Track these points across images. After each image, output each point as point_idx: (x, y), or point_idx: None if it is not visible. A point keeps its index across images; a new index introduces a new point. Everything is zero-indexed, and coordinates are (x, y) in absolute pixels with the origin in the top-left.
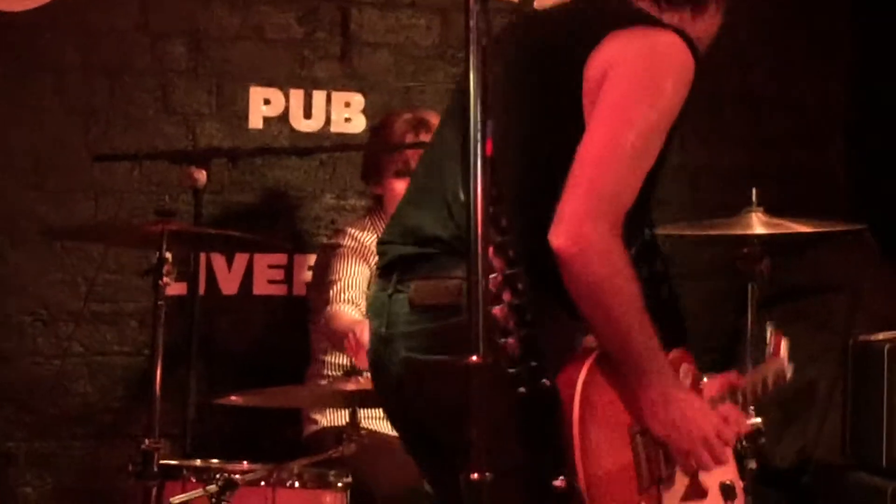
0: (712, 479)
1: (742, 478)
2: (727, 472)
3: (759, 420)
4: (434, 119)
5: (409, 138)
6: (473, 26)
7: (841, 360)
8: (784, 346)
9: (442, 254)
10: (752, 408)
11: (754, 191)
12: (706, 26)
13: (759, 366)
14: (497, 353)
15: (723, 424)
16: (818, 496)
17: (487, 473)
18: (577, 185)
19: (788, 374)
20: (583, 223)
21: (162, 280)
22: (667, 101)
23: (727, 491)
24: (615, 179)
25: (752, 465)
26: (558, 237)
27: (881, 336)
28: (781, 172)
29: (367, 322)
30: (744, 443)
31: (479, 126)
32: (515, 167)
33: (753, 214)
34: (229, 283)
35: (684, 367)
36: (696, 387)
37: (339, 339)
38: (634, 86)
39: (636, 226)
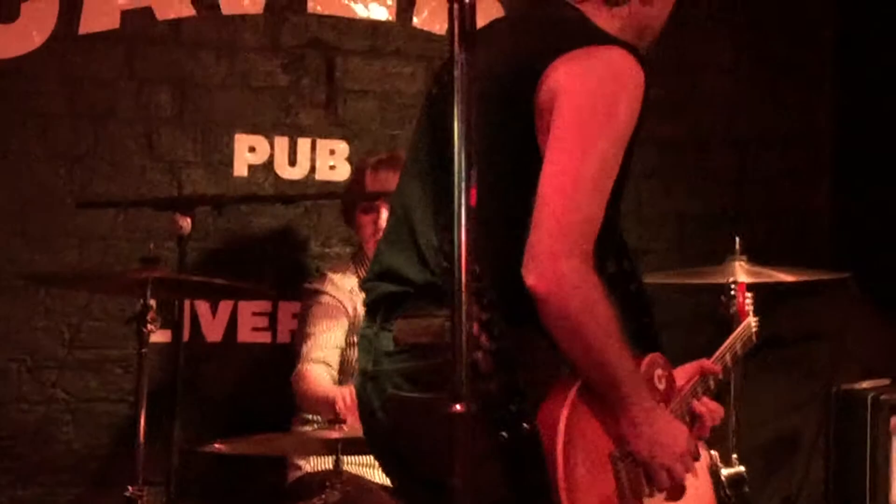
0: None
1: None
2: None
3: (742, 469)
4: None
5: (376, 177)
6: (458, 76)
7: (825, 409)
8: (748, 300)
9: (419, 296)
10: (735, 456)
11: (738, 239)
12: (657, 11)
13: (727, 338)
14: (478, 399)
15: (692, 438)
16: None
17: None
18: (544, 222)
19: (754, 328)
20: (556, 260)
21: (146, 327)
22: (621, 125)
23: None
24: (580, 212)
25: None
26: (532, 276)
27: (865, 384)
28: (767, 214)
29: (347, 387)
30: (727, 491)
31: (463, 175)
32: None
33: (737, 263)
34: (213, 331)
35: (658, 373)
36: (672, 390)
37: (308, 401)
38: (586, 116)
39: (607, 243)
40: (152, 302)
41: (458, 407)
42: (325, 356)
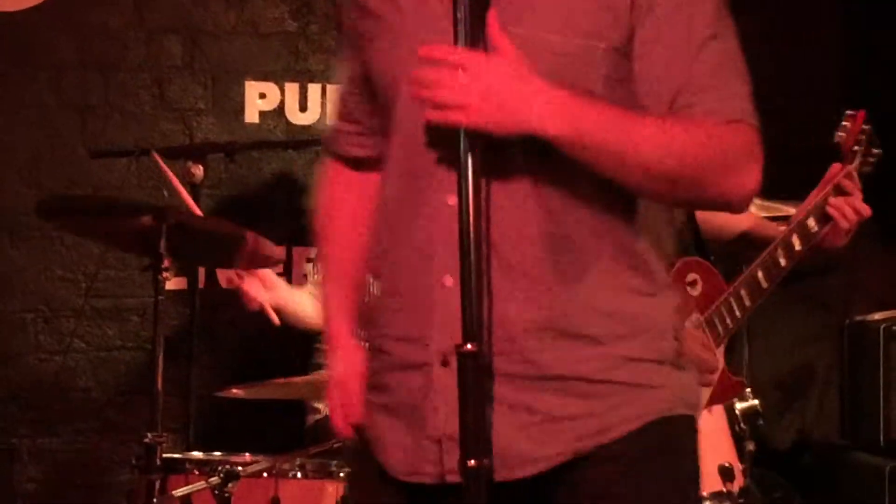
0: (710, 462)
1: (741, 460)
2: (725, 455)
3: (756, 402)
4: None
5: None
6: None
7: (838, 341)
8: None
9: None
10: (748, 390)
11: None
12: None
13: None
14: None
15: None
16: (817, 477)
17: (485, 460)
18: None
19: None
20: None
21: (161, 275)
22: None
23: (726, 473)
24: None
25: (751, 447)
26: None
27: (877, 316)
28: (778, 154)
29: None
30: (742, 425)
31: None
32: None
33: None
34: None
35: (691, 277)
36: (709, 296)
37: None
38: None
39: None
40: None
41: (468, 346)
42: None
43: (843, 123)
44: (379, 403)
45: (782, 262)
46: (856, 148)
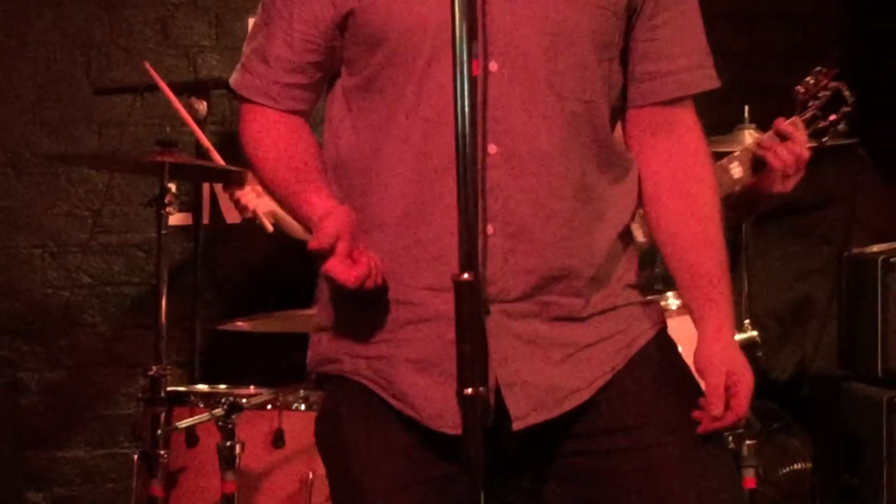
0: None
1: None
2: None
3: (755, 333)
4: None
5: None
6: None
7: (837, 273)
8: None
9: None
10: (747, 321)
11: (746, 108)
12: None
13: None
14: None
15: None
16: (815, 407)
17: (481, 388)
18: None
19: None
20: None
21: (164, 210)
22: None
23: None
24: None
25: None
26: None
27: (875, 248)
28: (776, 87)
29: None
30: None
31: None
32: None
33: (746, 131)
34: (233, 212)
35: None
36: None
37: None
38: None
39: None
40: (171, 185)
41: (465, 276)
42: None
43: (808, 79)
44: (405, 358)
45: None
46: (811, 102)
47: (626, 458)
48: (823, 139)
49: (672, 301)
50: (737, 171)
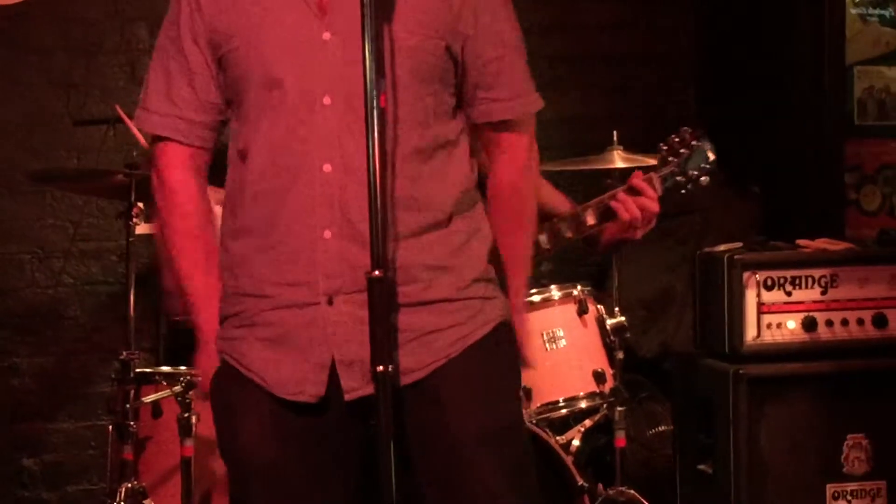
0: (586, 368)
1: (611, 366)
2: (598, 362)
3: (623, 319)
4: None
5: None
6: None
7: (692, 268)
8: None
9: None
10: (617, 308)
11: (615, 133)
12: None
13: None
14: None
15: None
16: (676, 379)
17: (390, 367)
18: None
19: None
20: None
21: (132, 221)
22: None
23: (598, 377)
24: None
25: (620, 355)
26: None
27: (722, 248)
28: (642, 117)
29: None
30: (612, 338)
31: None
32: None
33: (615, 152)
34: None
35: None
36: None
37: None
38: None
39: None
40: (140, 204)
41: (376, 273)
42: None
43: (673, 136)
44: (257, 338)
45: (545, 243)
46: (671, 159)
47: (437, 428)
48: (682, 191)
49: (555, 293)
50: (590, 219)
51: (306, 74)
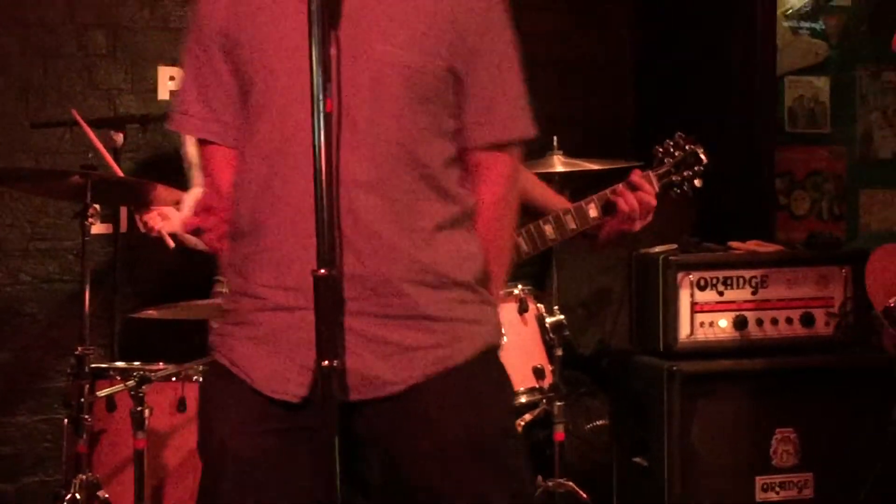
0: (525, 364)
1: (551, 362)
2: (538, 358)
3: (562, 317)
4: None
5: None
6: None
7: (628, 269)
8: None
9: None
10: (556, 307)
11: (555, 138)
12: None
13: None
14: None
15: None
16: (613, 375)
17: (335, 361)
18: None
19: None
20: None
21: (87, 221)
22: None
23: (538, 372)
24: None
25: (559, 352)
26: None
27: (657, 249)
28: (581, 122)
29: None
30: (551, 335)
31: (319, 87)
32: None
33: (555, 156)
34: None
35: None
36: None
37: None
38: None
39: None
40: (96, 205)
41: (322, 271)
42: None
43: (668, 140)
44: (245, 336)
45: (550, 234)
46: (666, 160)
47: (413, 441)
48: (675, 190)
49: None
50: (593, 211)
51: (304, 81)
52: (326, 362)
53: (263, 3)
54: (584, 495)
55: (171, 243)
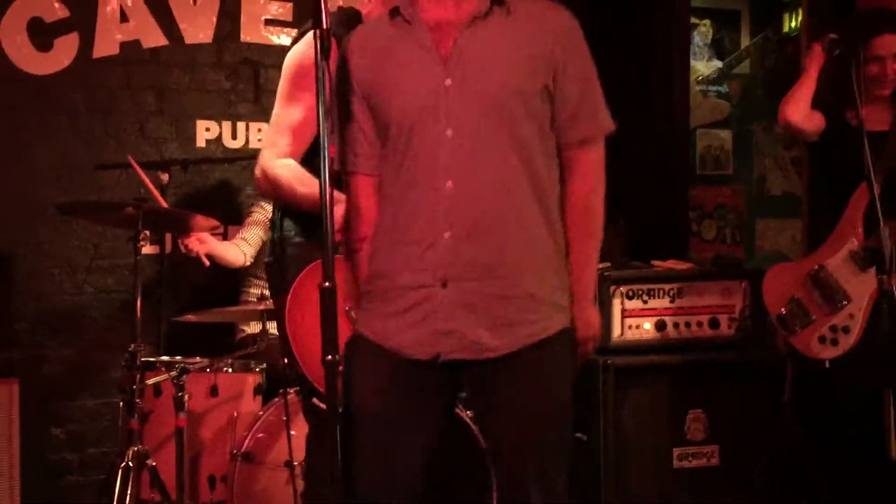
0: None
1: None
2: None
3: None
4: None
5: None
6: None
7: None
8: None
9: None
10: None
11: None
12: None
13: None
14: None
15: None
16: None
17: (336, 356)
18: None
19: None
20: None
21: (139, 244)
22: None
23: None
24: None
25: None
26: None
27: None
28: None
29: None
30: None
31: (326, 137)
32: None
33: None
34: None
35: None
36: None
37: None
38: None
39: None
40: (146, 231)
41: (326, 284)
42: (246, 241)
43: None
44: (387, 311)
45: None
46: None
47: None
48: None
49: None
50: None
51: (433, 115)
52: (330, 357)
53: (390, 54)
54: None
55: (207, 262)
